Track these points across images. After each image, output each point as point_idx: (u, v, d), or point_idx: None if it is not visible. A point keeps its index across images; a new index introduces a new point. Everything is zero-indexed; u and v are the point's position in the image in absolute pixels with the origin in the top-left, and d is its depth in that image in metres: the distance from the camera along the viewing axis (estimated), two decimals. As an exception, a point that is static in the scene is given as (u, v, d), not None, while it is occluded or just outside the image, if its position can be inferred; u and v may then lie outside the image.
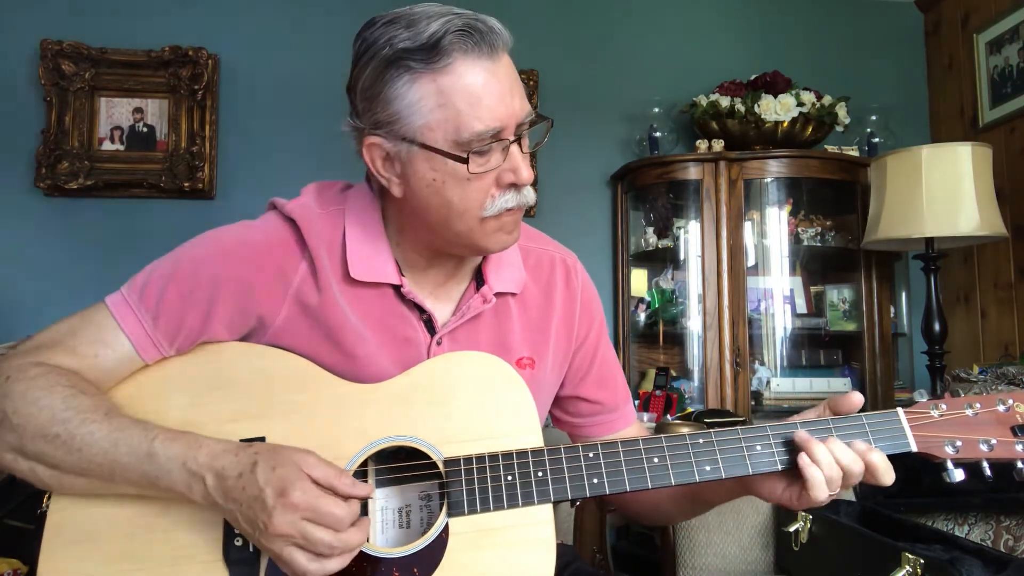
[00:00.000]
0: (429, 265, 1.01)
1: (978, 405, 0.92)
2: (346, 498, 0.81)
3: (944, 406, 0.92)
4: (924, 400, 0.94)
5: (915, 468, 1.08)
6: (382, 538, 0.92)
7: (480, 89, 0.86)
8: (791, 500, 0.90)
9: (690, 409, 2.66)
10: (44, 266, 2.77)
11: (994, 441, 0.90)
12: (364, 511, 0.91)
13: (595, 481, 0.89)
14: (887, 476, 0.87)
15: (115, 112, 2.86)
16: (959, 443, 0.90)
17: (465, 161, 0.87)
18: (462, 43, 0.85)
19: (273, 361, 0.94)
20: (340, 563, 0.80)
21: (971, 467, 0.90)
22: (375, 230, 0.99)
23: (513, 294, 1.05)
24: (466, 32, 0.85)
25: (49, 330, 0.93)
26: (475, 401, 0.92)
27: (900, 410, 0.92)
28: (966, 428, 0.91)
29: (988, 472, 0.89)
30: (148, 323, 0.92)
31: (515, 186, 0.91)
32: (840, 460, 0.87)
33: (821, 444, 0.87)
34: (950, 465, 0.89)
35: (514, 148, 0.90)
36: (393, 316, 0.98)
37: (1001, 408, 0.91)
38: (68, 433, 0.83)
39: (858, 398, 0.93)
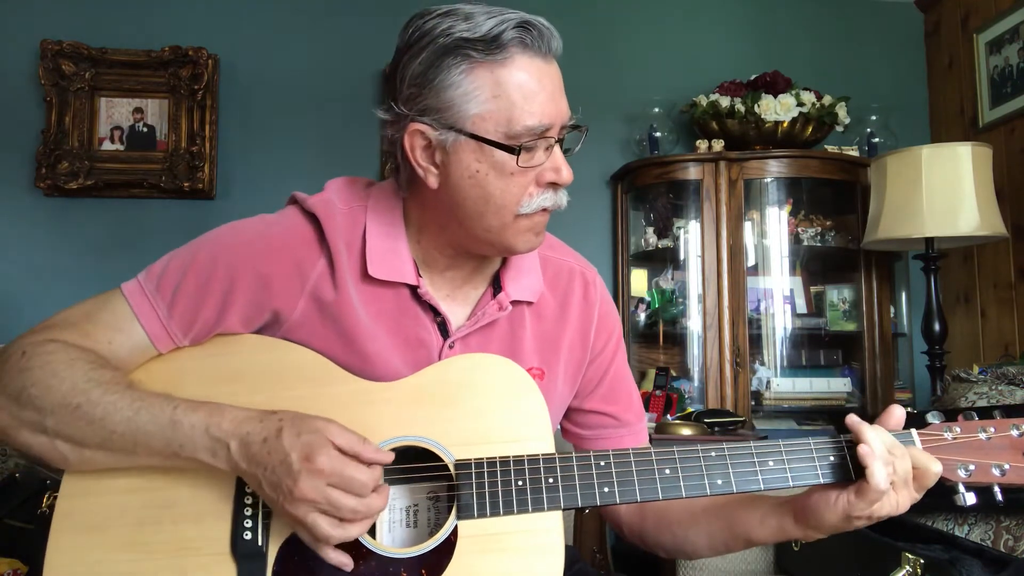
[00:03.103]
0: (448, 266, 1.01)
1: (992, 429, 0.92)
2: (368, 464, 0.81)
3: (958, 428, 0.92)
4: (938, 422, 0.93)
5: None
6: (389, 537, 0.92)
7: (535, 85, 0.88)
8: (850, 501, 0.86)
9: (690, 409, 2.66)
10: (44, 266, 2.77)
11: (1007, 466, 0.89)
12: None
13: (606, 490, 0.88)
14: (934, 464, 0.86)
15: (115, 112, 2.86)
16: (972, 467, 0.89)
17: (516, 152, 0.88)
18: (521, 39, 0.87)
19: (287, 355, 0.94)
20: (361, 528, 0.82)
21: (982, 491, 0.90)
22: (396, 228, 0.99)
23: (529, 303, 1.04)
24: (525, 29, 0.87)
25: (64, 313, 0.93)
26: (488, 404, 0.92)
27: (914, 432, 0.92)
28: (979, 452, 0.90)
29: (1000, 496, 0.89)
30: (163, 313, 0.92)
31: (554, 185, 0.93)
32: (886, 444, 0.85)
33: (871, 429, 0.86)
34: (962, 488, 0.89)
35: (556, 148, 0.91)
36: (407, 316, 0.98)
37: (1015, 433, 0.91)
38: (90, 403, 0.84)
39: (898, 411, 0.91)
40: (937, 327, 2.47)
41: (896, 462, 0.85)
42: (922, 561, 1.29)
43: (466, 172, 0.90)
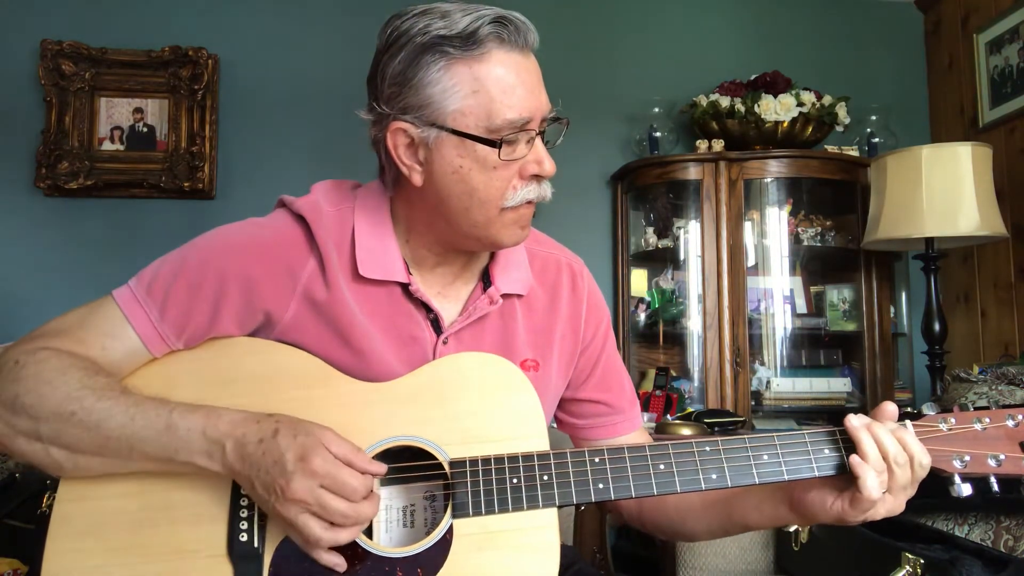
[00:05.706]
0: (437, 263, 1.01)
1: (987, 420, 0.91)
2: (361, 473, 0.82)
3: (953, 420, 0.91)
4: (933, 413, 0.92)
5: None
6: (386, 537, 0.92)
7: (514, 78, 0.89)
8: (844, 509, 0.87)
9: (690, 409, 2.66)
10: (44, 266, 2.77)
11: (1003, 456, 0.89)
12: None
13: (600, 486, 0.89)
14: (924, 457, 0.86)
15: (115, 112, 2.86)
16: (967, 458, 0.89)
17: (497, 146, 0.88)
18: (497, 34, 0.88)
19: (281, 357, 0.94)
20: (350, 535, 0.82)
21: (978, 482, 0.89)
22: (384, 228, 0.99)
23: (519, 296, 1.05)
24: (501, 24, 0.88)
25: (56, 321, 0.93)
26: (482, 403, 0.92)
27: (909, 423, 0.91)
28: (974, 443, 0.90)
29: (996, 487, 0.88)
30: (155, 316, 0.92)
31: (537, 178, 0.93)
32: (882, 440, 0.85)
33: (866, 429, 0.86)
34: (957, 479, 0.88)
35: (538, 140, 0.92)
36: (400, 315, 0.99)
37: (1010, 423, 0.91)
38: (84, 410, 0.84)
39: (891, 407, 0.91)
40: (937, 327, 2.47)
41: (898, 471, 0.85)
42: (922, 561, 1.29)
43: (449, 168, 0.91)
